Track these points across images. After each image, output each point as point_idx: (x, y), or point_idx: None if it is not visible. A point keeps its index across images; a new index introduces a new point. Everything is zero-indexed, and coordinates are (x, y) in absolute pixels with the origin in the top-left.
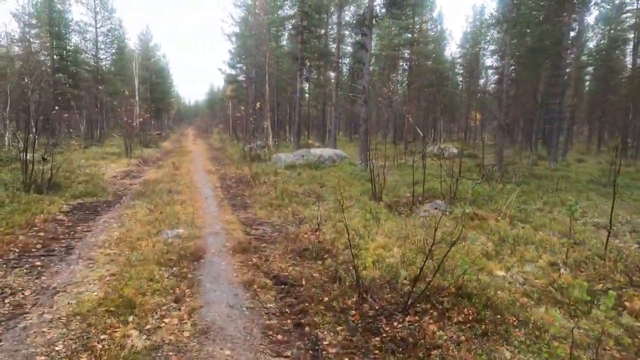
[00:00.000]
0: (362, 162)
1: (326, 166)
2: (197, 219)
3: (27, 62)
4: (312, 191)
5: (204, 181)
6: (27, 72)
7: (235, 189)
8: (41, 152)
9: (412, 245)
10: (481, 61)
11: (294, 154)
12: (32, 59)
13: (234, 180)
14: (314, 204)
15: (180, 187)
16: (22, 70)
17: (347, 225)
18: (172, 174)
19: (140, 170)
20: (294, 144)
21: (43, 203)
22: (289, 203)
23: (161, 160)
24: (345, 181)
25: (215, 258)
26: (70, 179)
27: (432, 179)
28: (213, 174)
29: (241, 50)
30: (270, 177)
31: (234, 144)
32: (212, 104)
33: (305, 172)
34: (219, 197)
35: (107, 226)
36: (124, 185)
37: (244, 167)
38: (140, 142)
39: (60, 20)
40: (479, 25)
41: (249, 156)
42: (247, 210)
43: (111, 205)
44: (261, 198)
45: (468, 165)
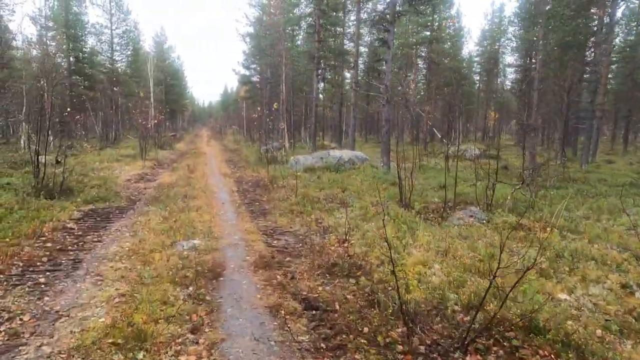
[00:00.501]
0: (384, 164)
1: (346, 169)
2: (214, 228)
3: (43, 64)
4: (334, 196)
5: (220, 185)
6: (43, 74)
7: (253, 193)
8: (56, 155)
9: (455, 261)
10: (500, 59)
11: (313, 156)
12: (48, 61)
13: (250, 183)
14: (338, 210)
15: (196, 191)
16: (38, 72)
17: (388, 241)
18: (187, 177)
19: (154, 173)
20: (310, 146)
21: (53, 209)
22: (310, 209)
23: (176, 162)
24: (368, 185)
25: (235, 275)
26: (83, 182)
27: (459, 182)
28: (229, 177)
29: (256, 50)
30: (288, 180)
31: (248, 145)
32: (225, 105)
33: (325, 175)
34: (236, 202)
35: (118, 235)
36: (138, 189)
37: (260, 170)
38: (155, 144)
39: (76, 22)
40: (497, 22)
41: (266, 158)
42: (266, 217)
43: (124, 211)
44: (280, 204)
45: (493, 167)
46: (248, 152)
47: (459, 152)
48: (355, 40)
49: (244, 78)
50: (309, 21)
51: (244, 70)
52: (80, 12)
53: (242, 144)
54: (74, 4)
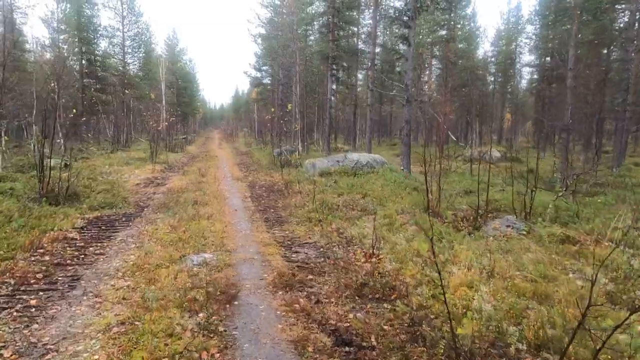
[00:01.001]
0: (404, 168)
1: (364, 173)
2: (226, 239)
3: (54, 66)
4: (354, 203)
5: (232, 190)
6: (54, 76)
7: (267, 199)
8: (66, 158)
9: (505, 282)
10: (517, 59)
11: (328, 159)
12: (59, 64)
13: (264, 188)
14: (360, 219)
15: (207, 197)
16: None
17: (436, 263)
18: (198, 182)
19: (164, 177)
20: (324, 149)
21: (56, 217)
22: (330, 218)
23: (187, 165)
24: (390, 191)
25: (252, 298)
26: (91, 187)
27: (485, 187)
28: (241, 182)
29: (267, 52)
30: (304, 185)
31: (260, 148)
32: (237, 108)
33: (342, 180)
34: (250, 209)
35: (123, 247)
36: (147, 194)
37: (273, 174)
38: (166, 147)
39: (88, 25)
40: (514, 21)
41: (279, 162)
42: (282, 226)
43: (131, 219)
44: (297, 211)
45: (518, 171)
46: (260, 155)
47: (479, 155)
48: (372, 38)
49: (256, 80)
50: (322, 20)
51: (255, 72)
52: (92, 14)
53: (253, 146)
54: (86, 6)
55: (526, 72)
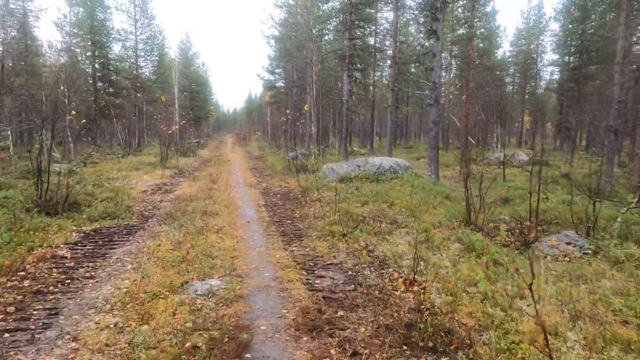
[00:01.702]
0: (431, 173)
1: (387, 178)
2: (238, 259)
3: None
4: (381, 213)
5: (244, 198)
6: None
7: (282, 208)
8: (74, 163)
9: (596, 325)
10: (539, 59)
11: (348, 163)
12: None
13: (279, 195)
14: (391, 233)
15: (217, 206)
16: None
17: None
18: (209, 189)
19: (174, 183)
20: (340, 152)
21: (49, 230)
22: (357, 232)
23: (198, 170)
24: (419, 200)
25: (268, 347)
26: (93, 195)
27: (521, 194)
28: (254, 188)
29: (281, 53)
30: (323, 192)
31: (274, 152)
32: (250, 111)
33: (364, 187)
34: (264, 220)
35: (118, 268)
36: (153, 202)
37: (288, 180)
38: (177, 151)
39: (101, 28)
40: (536, 19)
41: (294, 167)
42: (301, 241)
43: (132, 232)
44: (317, 222)
45: (550, 176)
46: (274, 160)
47: (507, 158)
48: (393, 33)
49: (269, 83)
50: (339, 18)
51: (268, 75)
52: (105, 18)
53: (267, 150)
54: (98, 10)
55: (547, 72)
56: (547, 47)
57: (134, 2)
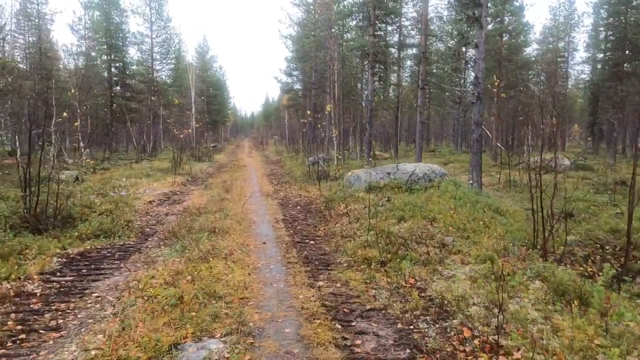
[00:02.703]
0: (473, 182)
1: (422, 187)
2: (249, 304)
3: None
4: (424, 232)
5: (260, 210)
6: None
7: (304, 223)
8: (84, 170)
9: None
10: (570, 57)
11: (376, 170)
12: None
13: (299, 208)
14: (443, 262)
15: (229, 221)
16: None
17: None
18: (221, 199)
19: (184, 192)
20: (361, 157)
21: (27, 255)
22: (398, 259)
23: (212, 177)
24: (466, 214)
25: None
26: (92, 207)
27: (586, 207)
28: (272, 198)
29: (299, 55)
30: (349, 204)
31: (291, 156)
32: (267, 115)
33: (397, 197)
34: (283, 241)
35: (94, 314)
36: (158, 216)
37: (309, 188)
38: (193, 156)
39: (117, 32)
40: (566, 15)
41: (315, 173)
42: (330, 271)
43: (126, 255)
44: (346, 243)
45: (600, 183)
46: (292, 165)
47: (546, 163)
48: (422, 27)
49: (286, 86)
50: (362, 14)
51: (286, 78)
52: (121, 21)
53: (284, 154)
54: (115, 13)
55: (576, 71)
56: (578, 44)
57: (150, 4)
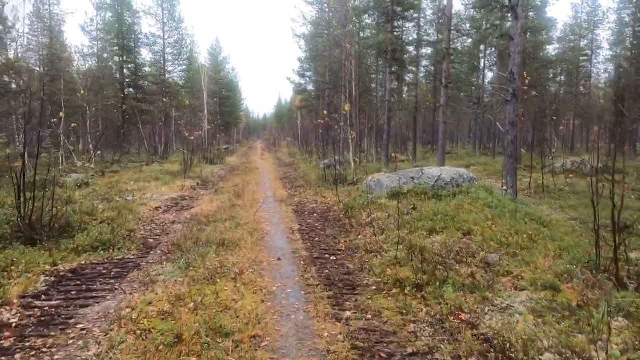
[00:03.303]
0: (508, 188)
1: (449, 193)
2: (262, 346)
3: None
4: (462, 248)
5: (274, 219)
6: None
7: (322, 234)
8: (92, 173)
9: None
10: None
11: (399, 175)
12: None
13: (316, 215)
14: (492, 287)
15: (240, 231)
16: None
17: None
18: (232, 205)
19: (193, 197)
20: (379, 160)
21: (13, 270)
22: (435, 281)
23: (223, 180)
24: (506, 226)
25: None
26: (94, 214)
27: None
28: (286, 204)
29: (312, 54)
30: (371, 211)
31: (305, 159)
32: (279, 117)
33: (424, 205)
34: (301, 256)
35: (74, 355)
36: (164, 224)
37: (325, 193)
38: (204, 158)
39: (129, 33)
40: (590, 11)
41: (332, 177)
42: (357, 296)
43: (123, 273)
44: (372, 259)
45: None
46: (306, 168)
47: (575, 166)
48: (446, 22)
49: (299, 87)
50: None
51: (299, 79)
52: (133, 22)
53: (298, 157)
54: (127, 14)
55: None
56: (602, 42)
57: (162, 5)
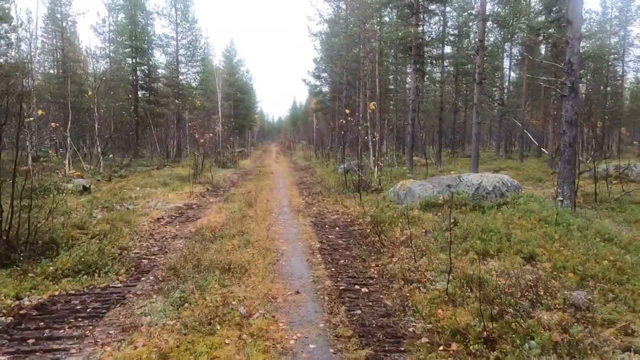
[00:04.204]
0: (564, 198)
1: (493, 204)
2: None
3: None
4: (532, 280)
5: (290, 234)
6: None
7: (348, 255)
8: (99, 177)
9: None
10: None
11: (432, 182)
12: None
13: (338, 229)
14: (597, 349)
15: (250, 250)
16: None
17: None
18: (242, 216)
19: (202, 205)
20: (401, 163)
21: None
22: (510, 333)
23: (235, 185)
24: (582, 248)
25: None
26: (85, 227)
27: None
28: (303, 215)
29: (328, 53)
30: (405, 226)
31: (321, 162)
32: (294, 120)
33: (466, 219)
34: (324, 287)
35: None
36: (164, 239)
37: (346, 202)
38: (216, 162)
39: (142, 35)
40: (621, 6)
41: (352, 184)
42: (404, 355)
43: (101, 311)
44: (415, 294)
45: None
46: (323, 172)
47: (621, 171)
48: (481, 12)
49: (315, 88)
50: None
51: (314, 80)
52: (146, 23)
53: (313, 160)
54: (140, 15)
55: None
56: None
57: (175, 6)
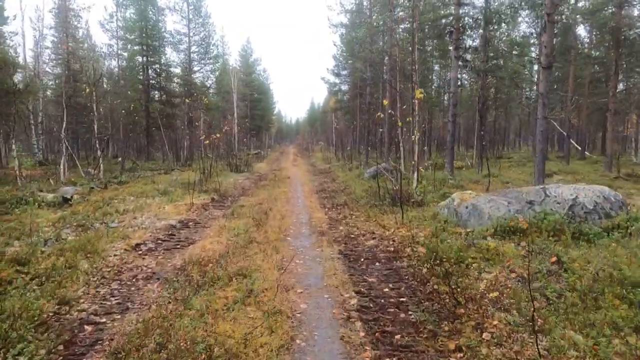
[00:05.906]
0: None
1: (598, 230)
2: None
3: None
4: None
5: (312, 277)
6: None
7: (404, 321)
8: (96, 182)
9: None
10: None
11: (506, 196)
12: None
13: (380, 265)
14: None
15: (252, 314)
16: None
17: None
18: (248, 242)
19: (201, 222)
20: (442, 167)
21: None
22: None
23: (246, 193)
24: None
25: None
26: (27, 263)
27: None
28: (328, 241)
29: (349, 46)
30: (482, 263)
31: (342, 165)
32: (312, 121)
33: (570, 255)
34: None
35: None
36: (133, 281)
37: (382, 219)
38: (228, 165)
39: (153, 31)
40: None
41: (389, 195)
42: None
43: None
44: None
45: None
46: (346, 177)
47: None
48: None
49: (334, 86)
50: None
51: (333, 78)
52: (157, 19)
53: (333, 163)
54: (151, 11)
55: None
56: None
57: (187, 0)
